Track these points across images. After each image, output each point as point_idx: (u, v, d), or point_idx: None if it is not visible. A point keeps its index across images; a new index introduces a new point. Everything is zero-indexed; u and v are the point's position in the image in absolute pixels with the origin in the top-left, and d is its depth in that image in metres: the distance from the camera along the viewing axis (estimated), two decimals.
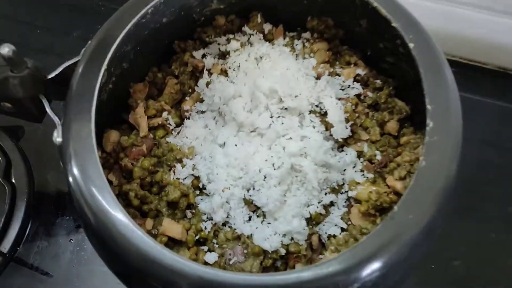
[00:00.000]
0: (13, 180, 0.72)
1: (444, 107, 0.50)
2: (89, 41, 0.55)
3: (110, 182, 0.57)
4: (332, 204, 0.59)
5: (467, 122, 0.51)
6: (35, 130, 0.79)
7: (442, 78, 0.52)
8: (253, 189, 0.57)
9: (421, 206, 0.46)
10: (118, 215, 0.46)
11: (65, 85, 0.54)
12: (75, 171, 0.49)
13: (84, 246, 0.72)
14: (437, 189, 0.47)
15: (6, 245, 0.68)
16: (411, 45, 0.53)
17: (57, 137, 0.51)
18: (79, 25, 0.90)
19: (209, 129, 0.62)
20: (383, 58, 0.62)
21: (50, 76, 0.55)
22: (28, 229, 0.72)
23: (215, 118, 0.63)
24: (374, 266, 0.44)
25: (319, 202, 0.58)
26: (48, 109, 0.54)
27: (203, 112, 0.64)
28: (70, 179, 0.49)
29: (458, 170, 0.48)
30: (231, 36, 0.66)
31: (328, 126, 0.60)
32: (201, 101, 0.64)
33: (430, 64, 0.52)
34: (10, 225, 0.69)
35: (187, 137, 0.62)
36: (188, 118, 0.64)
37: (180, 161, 0.60)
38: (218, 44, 0.66)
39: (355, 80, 0.63)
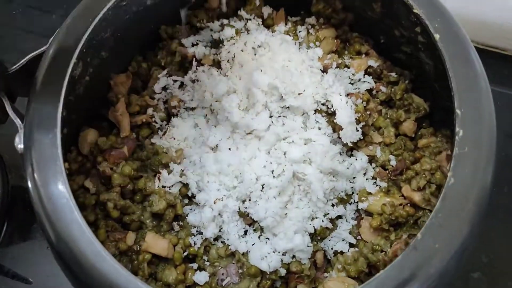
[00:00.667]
0: None
1: (476, 111, 0.46)
2: (58, 29, 0.51)
3: (87, 190, 0.53)
4: (339, 216, 0.56)
5: None
6: (10, 122, 0.73)
7: (473, 76, 0.47)
8: (249, 200, 0.53)
9: (449, 232, 0.41)
10: (85, 239, 0.42)
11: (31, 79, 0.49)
12: (36, 184, 0.44)
13: None
14: (468, 212, 0.42)
15: None
16: (436, 36, 0.49)
17: (19, 143, 0.47)
18: (61, 2, 0.83)
19: (200, 128, 0.58)
20: (399, 48, 0.58)
21: (12, 70, 0.50)
22: (3, 232, 0.67)
23: (206, 116, 0.58)
24: None
25: (324, 215, 0.54)
26: (9, 110, 0.48)
27: (192, 109, 0.59)
28: (31, 192, 0.45)
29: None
30: (225, 21, 0.62)
31: (336, 128, 0.55)
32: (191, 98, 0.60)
33: (458, 59, 0.47)
34: None
35: (174, 138, 0.57)
36: (176, 116, 0.59)
37: (166, 166, 0.56)
38: (211, 30, 0.62)
39: (366, 72, 0.60)
